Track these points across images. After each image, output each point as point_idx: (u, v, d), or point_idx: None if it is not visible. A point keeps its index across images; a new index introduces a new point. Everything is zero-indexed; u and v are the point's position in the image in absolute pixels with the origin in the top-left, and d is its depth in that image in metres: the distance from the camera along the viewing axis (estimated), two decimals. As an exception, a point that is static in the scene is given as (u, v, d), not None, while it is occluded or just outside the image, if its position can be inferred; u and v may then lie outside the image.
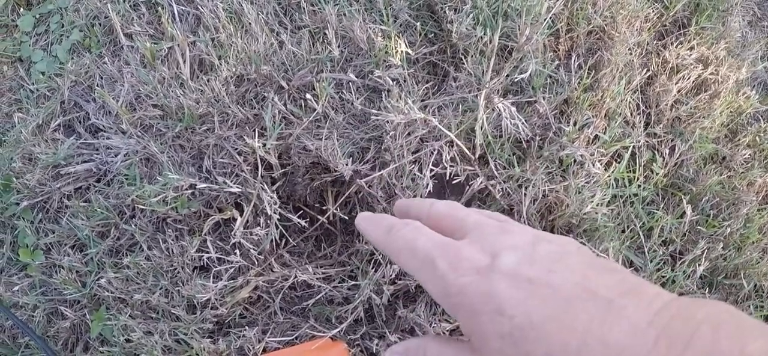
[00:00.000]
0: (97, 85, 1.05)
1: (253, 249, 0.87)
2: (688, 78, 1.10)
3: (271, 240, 0.89)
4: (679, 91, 1.10)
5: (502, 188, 0.92)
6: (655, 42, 1.17)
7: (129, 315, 0.90)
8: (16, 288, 0.98)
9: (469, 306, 0.26)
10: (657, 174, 1.04)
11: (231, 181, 0.89)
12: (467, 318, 0.26)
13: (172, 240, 0.91)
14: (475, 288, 0.26)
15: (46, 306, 0.98)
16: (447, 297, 0.27)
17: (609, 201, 0.98)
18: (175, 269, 0.90)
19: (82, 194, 1.01)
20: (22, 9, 1.17)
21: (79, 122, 1.06)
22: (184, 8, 1.07)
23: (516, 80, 0.92)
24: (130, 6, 1.09)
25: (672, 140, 1.08)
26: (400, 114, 0.83)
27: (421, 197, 0.91)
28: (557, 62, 1.03)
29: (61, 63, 1.10)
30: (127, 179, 0.98)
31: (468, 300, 0.26)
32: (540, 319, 0.24)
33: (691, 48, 1.14)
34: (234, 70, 0.94)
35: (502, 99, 0.90)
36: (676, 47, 1.14)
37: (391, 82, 0.87)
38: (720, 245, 1.02)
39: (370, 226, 0.34)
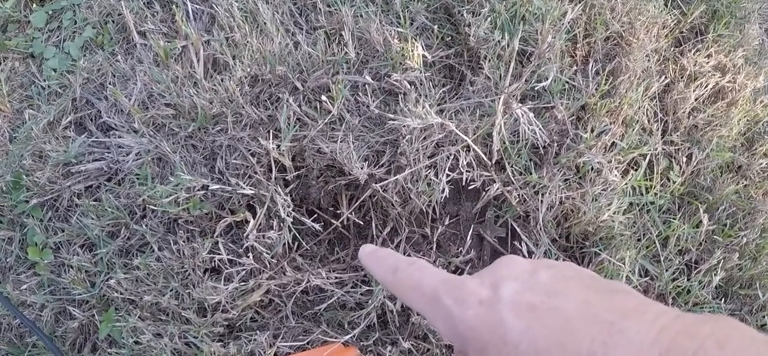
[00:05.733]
0: (110, 83, 1.04)
1: (266, 252, 0.86)
2: (706, 86, 1.09)
3: (284, 244, 0.87)
4: (696, 99, 1.08)
5: (518, 195, 0.91)
6: (672, 49, 1.15)
7: (138, 317, 0.88)
8: (24, 286, 0.97)
9: (477, 340, 0.27)
10: (674, 182, 1.03)
11: (244, 182, 0.88)
12: (477, 353, 0.27)
13: (184, 242, 0.90)
14: (481, 321, 0.27)
15: (54, 305, 0.97)
16: (456, 334, 0.28)
17: (625, 209, 0.97)
18: (186, 271, 0.89)
19: (93, 192, 1.00)
20: (34, 5, 1.16)
21: (91, 120, 1.05)
22: (198, 7, 1.06)
23: (537, 88, 0.91)
24: (143, 3, 1.08)
25: (689, 148, 1.07)
26: (417, 119, 0.81)
27: (437, 202, 0.89)
28: (575, 68, 1.02)
29: (73, 60, 1.09)
30: (138, 178, 0.96)
31: (476, 334, 0.27)
32: (545, 346, 0.24)
33: (709, 55, 1.13)
34: (248, 70, 0.93)
35: (520, 105, 0.89)
36: (693, 54, 1.13)
37: (408, 87, 0.86)
38: (736, 255, 1.00)
39: (375, 264, 0.34)
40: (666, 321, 0.23)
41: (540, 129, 0.91)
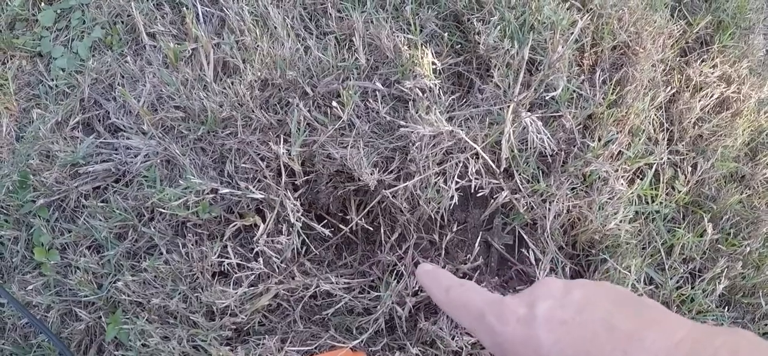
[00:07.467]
0: (118, 84, 1.04)
1: (276, 257, 0.86)
2: (711, 96, 1.10)
3: (293, 248, 0.88)
4: (701, 109, 1.09)
5: (526, 203, 0.91)
6: (678, 59, 1.16)
7: (146, 320, 0.89)
8: (30, 287, 0.97)
9: (515, 353, 0.30)
10: (679, 192, 1.04)
11: (253, 187, 0.88)
12: None
13: (192, 245, 0.90)
14: (518, 336, 0.30)
15: (60, 306, 0.97)
16: (497, 346, 0.31)
17: (631, 218, 0.98)
18: (195, 274, 0.89)
19: (100, 194, 1.00)
20: (42, 3, 1.15)
21: (99, 121, 1.05)
22: (208, 9, 1.06)
23: (546, 98, 0.91)
24: (153, 5, 1.08)
25: (694, 158, 1.08)
26: (428, 126, 0.82)
27: (445, 209, 0.90)
28: (582, 77, 1.03)
29: (81, 60, 1.09)
30: (146, 180, 0.96)
31: (513, 347, 0.30)
32: (572, 355, 0.27)
33: (714, 66, 1.14)
34: (259, 74, 0.93)
35: (528, 113, 0.89)
36: (699, 65, 1.14)
37: (421, 94, 0.86)
38: (739, 264, 1.01)
39: (430, 282, 0.38)
40: (683, 332, 0.25)
41: (548, 137, 0.91)
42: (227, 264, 0.88)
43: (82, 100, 1.05)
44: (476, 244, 0.91)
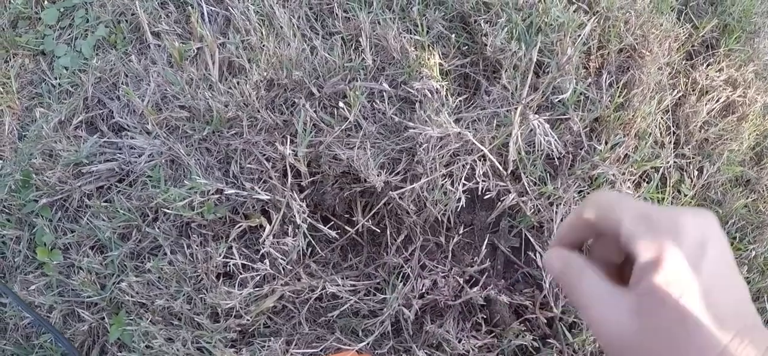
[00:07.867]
0: (123, 84, 1.03)
1: (282, 259, 0.85)
2: (717, 100, 1.10)
3: (299, 250, 0.87)
4: (708, 112, 1.09)
5: (533, 205, 0.91)
6: (684, 62, 1.16)
7: (150, 321, 0.88)
8: (33, 287, 0.96)
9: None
10: (685, 195, 1.03)
11: (259, 187, 0.87)
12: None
13: (197, 246, 0.89)
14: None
15: (63, 307, 0.96)
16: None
17: (637, 222, 0.97)
18: (199, 275, 0.89)
19: (104, 194, 0.99)
20: (46, 1, 1.14)
21: (102, 120, 1.04)
22: (213, 8, 1.06)
23: (555, 101, 0.91)
24: (158, 4, 1.07)
25: (700, 162, 1.08)
26: (437, 127, 0.81)
27: (452, 211, 0.89)
28: (588, 80, 1.02)
29: (85, 59, 1.08)
30: (150, 180, 0.96)
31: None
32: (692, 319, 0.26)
33: (720, 70, 1.14)
34: (264, 74, 0.93)
35: (536, 116, 0.89)
36: (705, 68, 1.13)
37: (429, 95, 0.86)
38: (745, 269, 1.01)
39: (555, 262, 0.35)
40: None
41: (555, 140, 0.91)
42: (232, 265, 0.87)
43: (86, 99, 1.04)
44: (483, 246, 0.90)
